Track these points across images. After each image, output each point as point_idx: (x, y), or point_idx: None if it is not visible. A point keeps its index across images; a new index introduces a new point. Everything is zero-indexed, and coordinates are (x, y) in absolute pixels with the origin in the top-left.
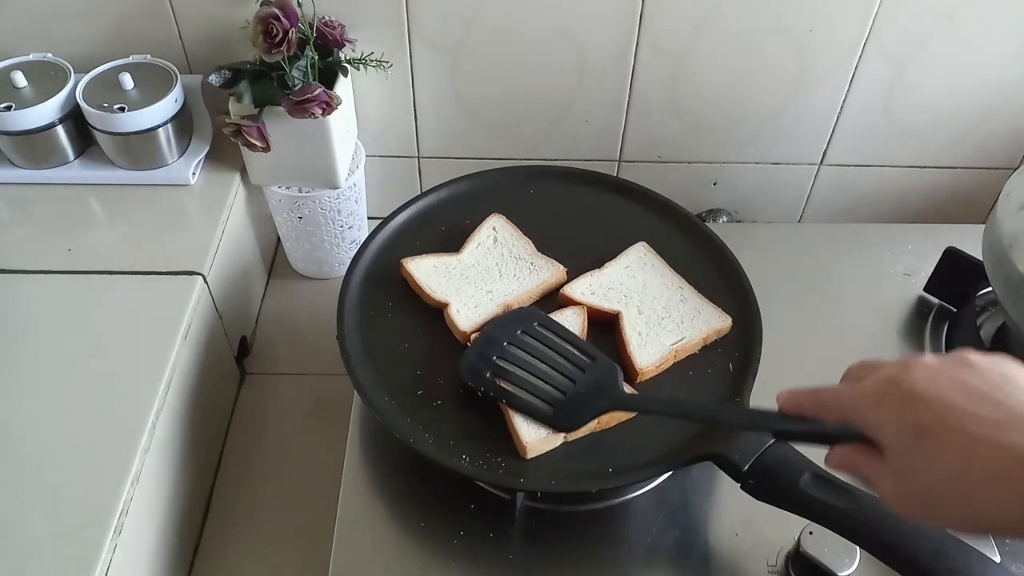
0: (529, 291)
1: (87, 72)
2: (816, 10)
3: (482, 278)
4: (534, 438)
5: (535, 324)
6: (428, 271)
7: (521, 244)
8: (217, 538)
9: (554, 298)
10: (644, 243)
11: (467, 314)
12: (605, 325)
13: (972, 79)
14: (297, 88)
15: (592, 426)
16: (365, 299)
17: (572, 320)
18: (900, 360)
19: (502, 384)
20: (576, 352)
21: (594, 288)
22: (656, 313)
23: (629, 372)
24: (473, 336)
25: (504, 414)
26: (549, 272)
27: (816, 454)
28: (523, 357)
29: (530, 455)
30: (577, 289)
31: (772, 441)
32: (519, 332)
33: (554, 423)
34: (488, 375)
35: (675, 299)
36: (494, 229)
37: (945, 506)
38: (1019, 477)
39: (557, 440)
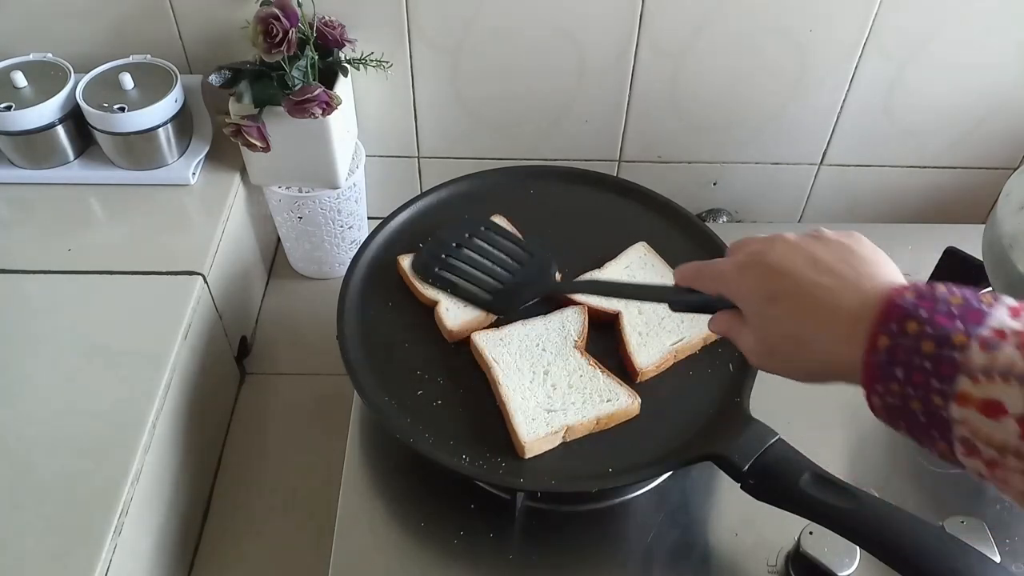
0: None
1: (87, 72)
2: (816, 10)
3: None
4: (532, 438)
5: (482, 228)
6: None
7: None
8: (217, 538)
9: (553, 297)
10: (644, 243)
11: (455, 313)
12: (605, 325)
13: (972, 79)
14: (297, 88)
15: (592, 426)
16: (365, 299)
17: (573, 319)
18: (766, 236)
19: (445, 275)
20: (518, 249)
21: None
22: (656, 313)
23: (629, 372)
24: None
25: (503, 414)
26: None
27: (816, 454)
28: (468, 255)
29: (528, 455)
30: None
31: (772, 441)
32: (467, 235)
33: (490, 306)
34: (436, 269)
35: None
36: None
37: (791, 357)
38: (845, 332)
39: (556, 440)
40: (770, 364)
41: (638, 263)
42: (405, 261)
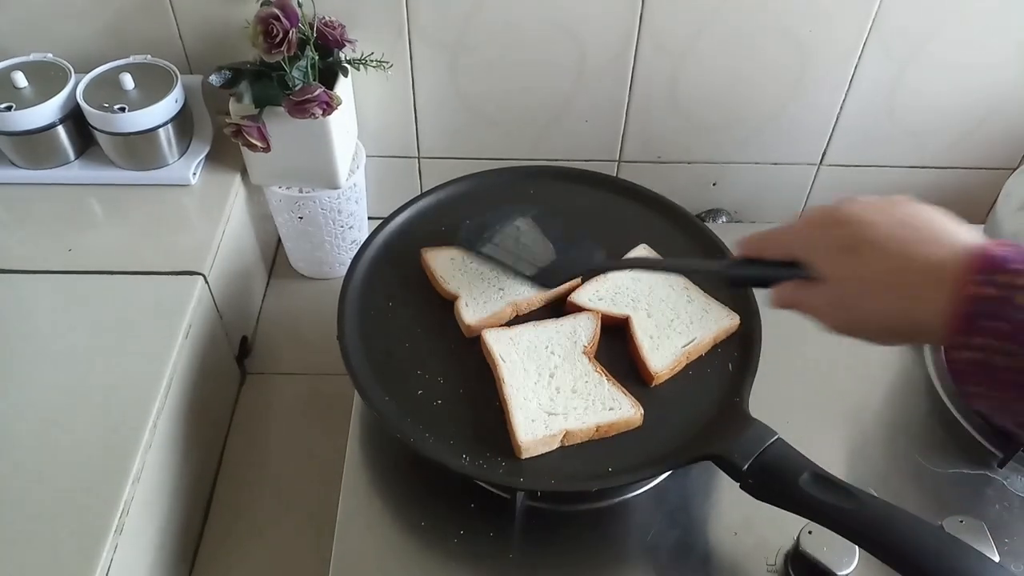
0: (539, 294)
1: (87, 72)
2: (816, 10)
3: (496, 275)
4: (529, 439)
5: (530, 216)
6: (445, 262)
7: None
8: (217, 538)
9: (564, 304)
10: (645, 245)
11: (474, 309)
12: (616, 330)
13: (972, 79)
14: (297, 88)
15: (591, 433)
16: (365, 299)
17: (585, 324)
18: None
19: (491, 253)
20: (564, 237)
21: (601, 294)
22: (665, 315)
23: (644, 376)
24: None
25: (504, 412)
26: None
27: (816, 454)
28: (515, 235)
29: (525, 455)
30: (584, 295)
31: (772, 441)
32: (517, 218)
33: (535, 278)
34: (481, 243)
35: (682, 300)
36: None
37: (868, 312)
38: (928, 281)
39: (553, 444)
40: (845, 322)
41: None
42: (428, 253)
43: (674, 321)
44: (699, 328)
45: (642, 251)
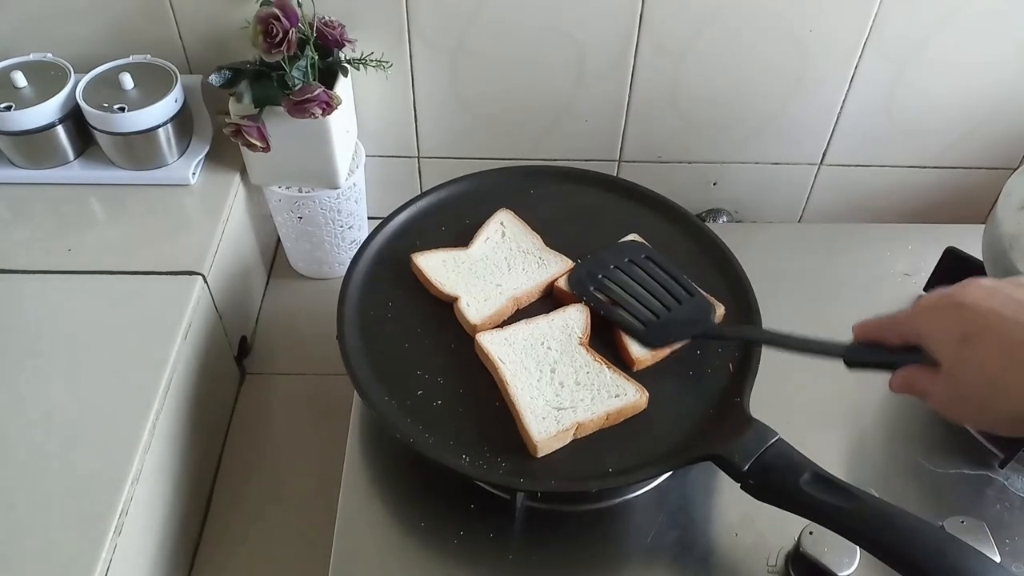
0: (538, 285)
1: (87, 72)
2: (816, 10)
3: (491, 272)
4: (544, 436)
5: (643, 256)
6: (437, 265)
7: (529, 239)
8: (217, 538)
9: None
10: (635, 235)
11: (477, 307)
12: (601, 316)
13: (972, 79)
14: (297, 88)
15: (602, 422)
16: (365, 299)
17: (576, 316)
18: (957, 283)
19: (600, 296)
20: (677, 286)
21: None
22: None
23: (625, 362)
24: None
25: (513, 414)
26: (557, 266)
27: (816, 454)
28: (626, 280)
29: (541, 454)
30: (567, 282)
31: (772, 441)
32: (627, 260)
33: (644, 338)
34: (591, 288)
35: None
36: (502, 224)
37: (988, 404)
38: None
39: (567, 438)
40: (965, 414)
41: None
42: (419, 258)
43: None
44: None
45: (633, 239)
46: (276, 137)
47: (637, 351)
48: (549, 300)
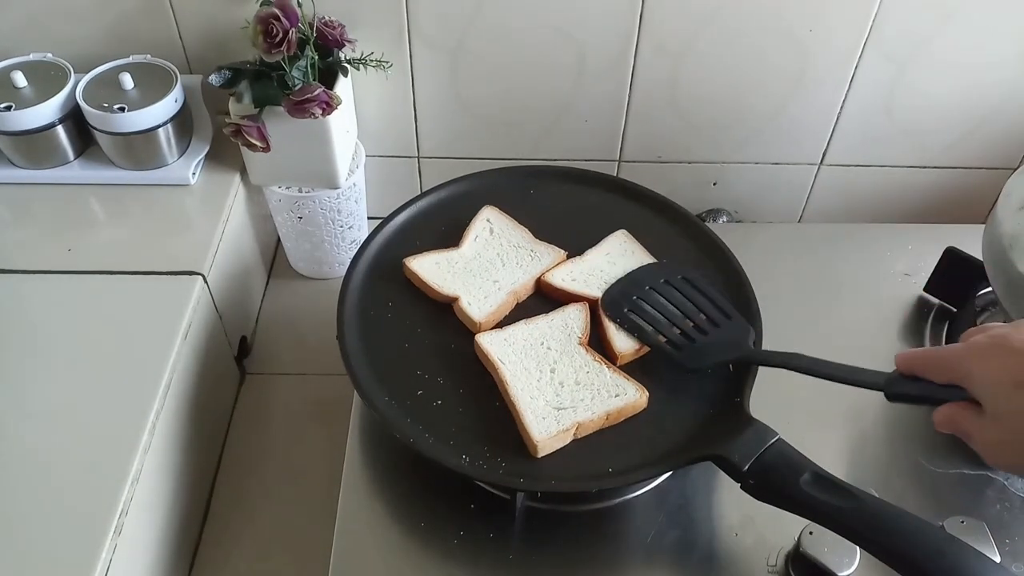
0: (534, 277)
1: (87, 72)
2: (816, 10)
3: (486, 269)
4: (544, 436)
5: (679, 276)
6: (431, 268)
7: (518, 233)
8: (217, 538)
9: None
10: (624, 231)
11: (478, 306)
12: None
13: (972, 79)
14: (297, 88)
15: (602, 421)
16: (365, 299)
17: (575, 315)
18: (1010, 323)
19: (634, 318)
20: (714, 308)
21: (575, 275)
22: None
23: (609, 355)
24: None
25: (513, 414)
26: (550, 257)
27: (816, 454)
28: (661, 302)
29: (541, 454)
30: (558, 276)
31: (772, 441)
32: (662, 280)
33: (680, 361)
34: (626, 310)
35: None
36: (488, 221)
37: None
38: None
39: (567, 438)
40: (1013, 461)
41: (618, 250)
42: (412, 263)
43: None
44: None
45: (621, 237)
46: (276, 137)
47: (619, 345)
48: (549, 297)
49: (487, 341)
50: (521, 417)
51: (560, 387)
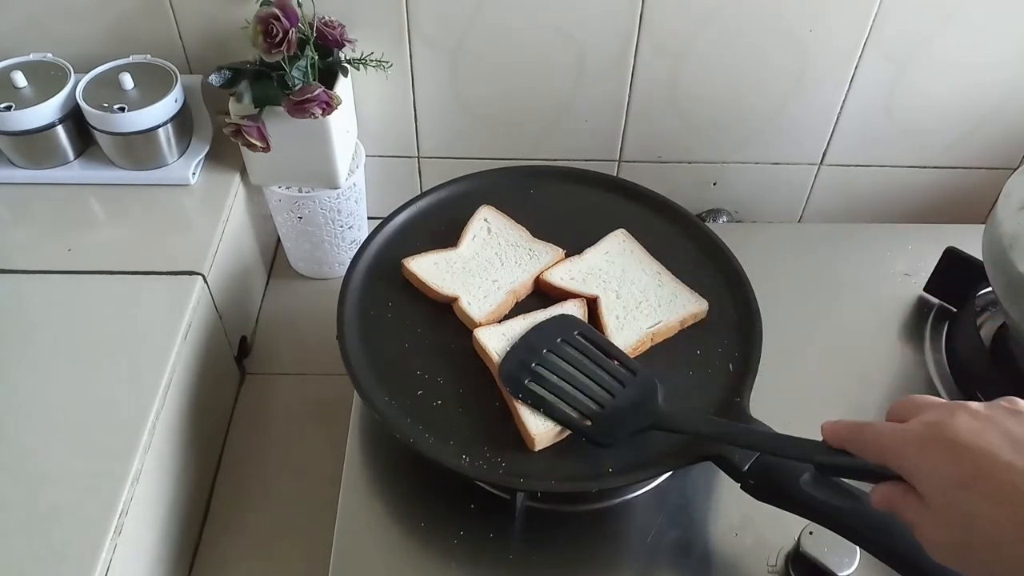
0: (533, 275)
1: (87, 72)
2: (816, 10)
3: (484, 268)
4: (541, 430)
5: (575, 333)
6: (430, 268)
7: (516, 232)
8: (217, 538)
9: (541, 294)
10: (623, 230)
11: (478, 305)
12: (593, 312)
13: (972, 79)
14: (297, 88)
15: None
16: (365, 299)
17: (573, 311)
18: (946, 403)
19: (540, 394)
20: (616, 364)
21: (573, 274)
22: (634, 297)
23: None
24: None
25: (511, 408)
26: (549, 256)
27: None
28: (562, 366)
29: (538, 447)
30: (556, 275)
31: None
32: (559, 340)
33: (593, 438)
34: (527, 382)
35: (652, 284)
36: (486, 220)
37: (990, 562)
38: None
39: (565, 432)
40: (965, 563)
41: (617, 249)
42: (411, 263)
43: (642, 304)
44: (667, 312)
45: (620, 236)
46: (276, 137)
47: (617, 343)
48: (548, 296)
49: (485, 336)
50: (518, 410)
51: None
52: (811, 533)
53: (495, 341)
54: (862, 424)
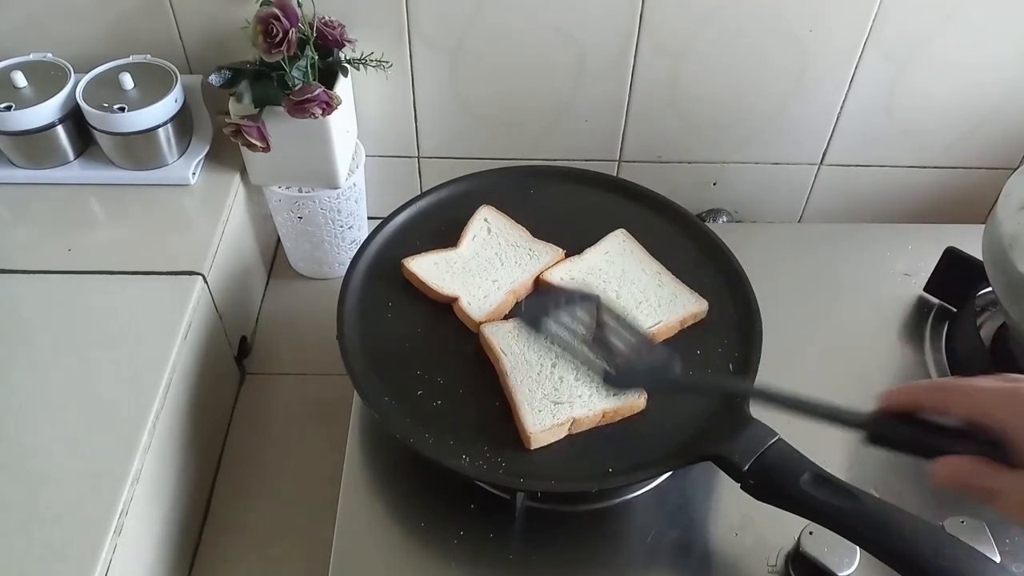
0: (533, 275)
1: (87, 72)
2: (816, 10)
3: (484, 269)
4: (538, 429)
5: (596, 304)
6: (430, 268)
7: (516, 232)
8: (217, 538)
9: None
10: (623, 230)
11: (478, 305)
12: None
13: (972, 79)
14: (297, 88)
15: (598, 419)
16: (365, 299)
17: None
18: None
19: (561, 331)
20: (636, 330)
21: (573, 273)
22: (634, 297)
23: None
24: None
25: (510, 405)
26: (549, 256)
27: (816, 454)
28: (585, 320)
29: (534, 446)
30: (556, 275)
31: (772, 441)
32: (579, 296)
33: (608, 379)
34: (550, 322)
35: (652, 284)
36: (486, 220)
37: None
38: None
39: (561, 432)
40: None
41: (617, 249)
42: (411, 264)
43: (642, 303)
44: (666, 311)
45: (620, 236)
46: (276, 137)
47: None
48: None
49: (492, 331)
50: (517, 408)
51: (560, 382)
52: (811, 533)
53: (501, 337)
54: (942, 380)
